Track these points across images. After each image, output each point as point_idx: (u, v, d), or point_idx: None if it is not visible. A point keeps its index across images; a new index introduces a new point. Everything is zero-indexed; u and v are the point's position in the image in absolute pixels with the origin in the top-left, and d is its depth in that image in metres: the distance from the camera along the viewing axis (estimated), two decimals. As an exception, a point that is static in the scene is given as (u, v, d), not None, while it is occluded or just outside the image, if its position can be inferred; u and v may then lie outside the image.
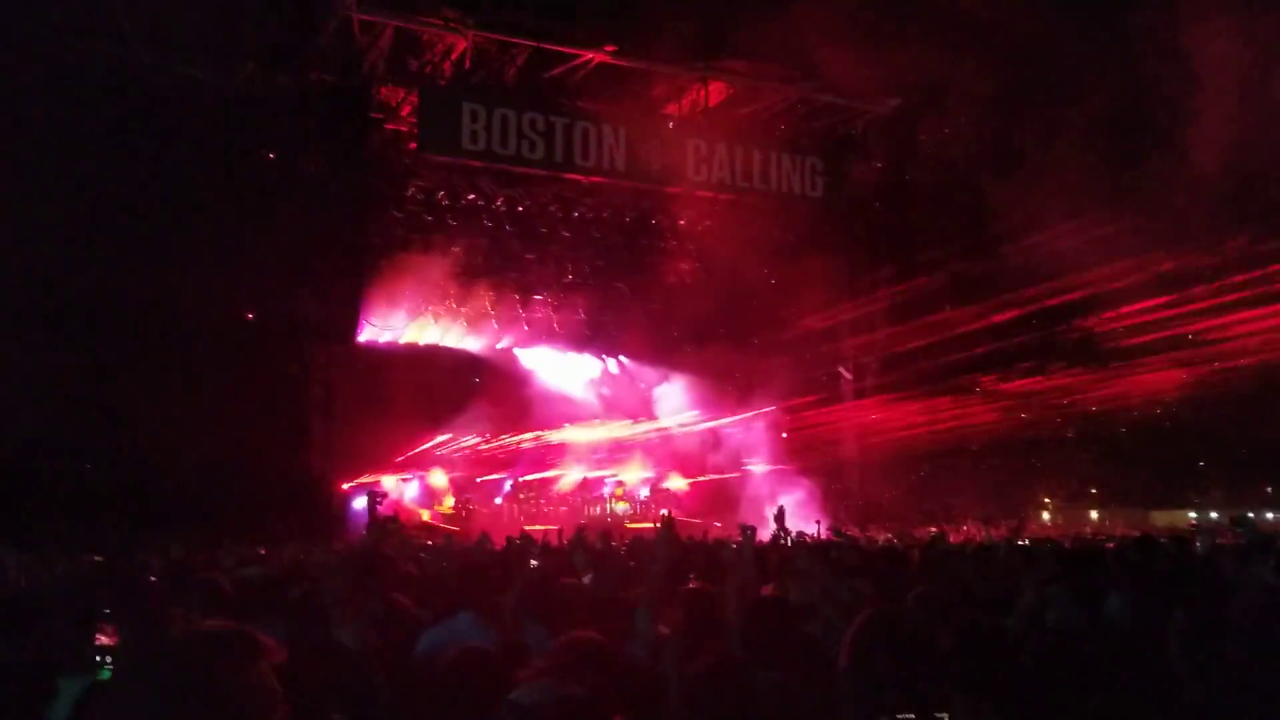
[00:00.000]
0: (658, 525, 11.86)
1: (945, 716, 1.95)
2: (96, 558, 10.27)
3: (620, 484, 25.05)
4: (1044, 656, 3.21)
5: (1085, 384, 22.95)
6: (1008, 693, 2.63)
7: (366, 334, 22.59)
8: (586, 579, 5.94)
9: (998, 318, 21.54)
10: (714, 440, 25.24)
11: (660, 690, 3.53)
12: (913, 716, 1.91)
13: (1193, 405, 22.80)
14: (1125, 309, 20.77)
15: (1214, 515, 27.79)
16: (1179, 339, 20.88)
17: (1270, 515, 26.05)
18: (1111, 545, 12.06)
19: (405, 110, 20.11)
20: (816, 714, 3.05)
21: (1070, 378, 22.76)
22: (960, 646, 2.95)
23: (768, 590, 5.24)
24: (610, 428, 25.01)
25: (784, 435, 24.89)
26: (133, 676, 1.76)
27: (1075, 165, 17.85)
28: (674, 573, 5.45)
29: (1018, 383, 22.92)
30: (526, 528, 14.82)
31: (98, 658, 2.77)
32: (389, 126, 20.27)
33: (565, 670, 3.26)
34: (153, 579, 6.94)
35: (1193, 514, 29.28)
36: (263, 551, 12.26)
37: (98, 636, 2.75)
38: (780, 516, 8.81)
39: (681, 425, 25.01)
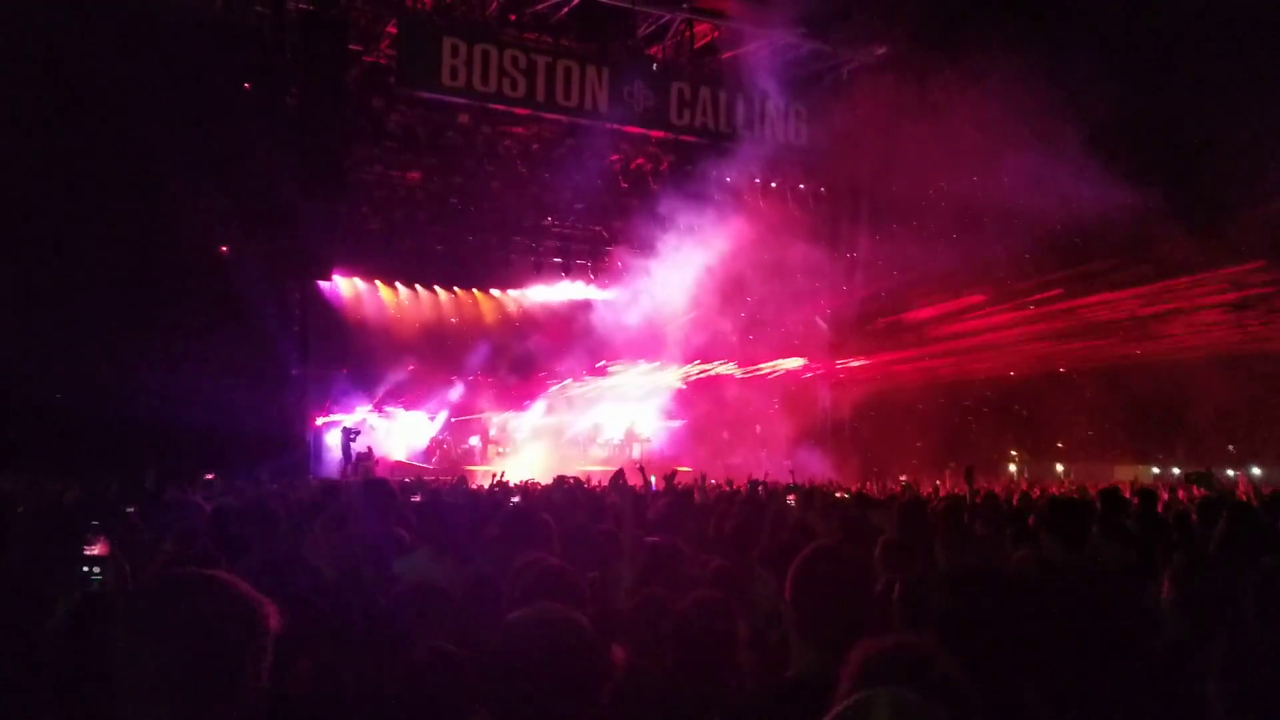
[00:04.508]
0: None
1: None
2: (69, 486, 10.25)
3: (596, 426, 25.21)
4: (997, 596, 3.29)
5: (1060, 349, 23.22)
6: (953, 634, 2.72)
7: (342, 270, 22.49)
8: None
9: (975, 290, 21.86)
10: (691, 387, 25.42)
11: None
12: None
13: (1157, 365, 23.13)
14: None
15: (1175, 471, 28.34)
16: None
17: (1231, 473, 26.61)
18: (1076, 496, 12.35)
19: (384, 43, 19.78)
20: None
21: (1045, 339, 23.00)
22: (910, 590, 3.06)
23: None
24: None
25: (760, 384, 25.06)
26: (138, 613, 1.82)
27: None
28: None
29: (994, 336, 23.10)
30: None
31: (86, 568, 2.83)
32: (368, 60, 19.95)
33: (530, 594, 3.34)
34: (129, 509, 6.95)
35: (1155, 469, 29.87)
36: (238, 483, 12.29)
37: (86, 548, 2.81)
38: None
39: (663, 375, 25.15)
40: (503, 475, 13.48)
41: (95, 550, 2.80)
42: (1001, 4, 18.53)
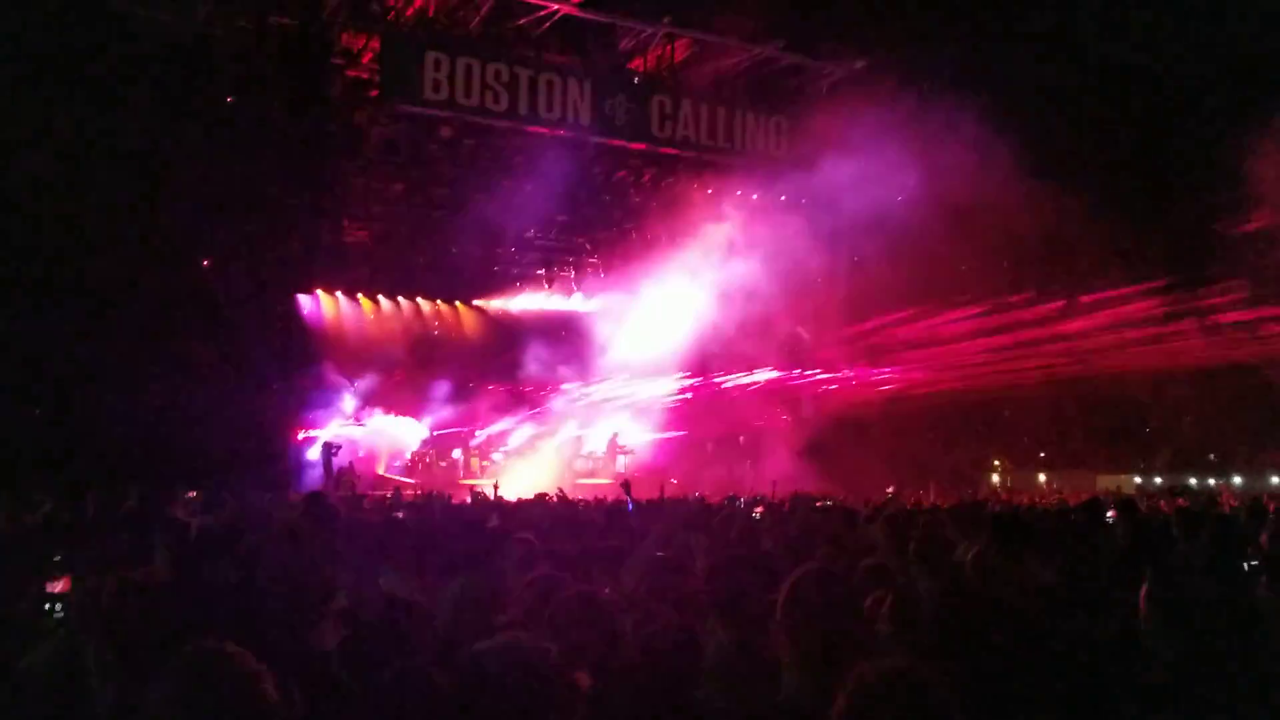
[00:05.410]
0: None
1: None
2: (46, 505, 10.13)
3: (579, 439, 25.15)
4: (975, 615, 3.29)
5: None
6: (938, 653, 2.73)
7: (325, 282, 22.42)
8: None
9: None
10: (675, 399, 25.42)
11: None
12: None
13: (1137, 377, 23.30)
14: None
15: (1158, 480, 28.55)
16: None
17: (1213, 481, 26.82)
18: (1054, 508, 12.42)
19: (367, 58, 19.76)
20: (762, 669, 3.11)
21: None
22: (893, 608, 3.06)
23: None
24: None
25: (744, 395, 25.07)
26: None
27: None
28: None
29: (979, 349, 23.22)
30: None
31: (47, 605, 2.74)
32: (350, 74, 19.92)
33: (533, 612, 3.33)
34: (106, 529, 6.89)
35: (1137, 478, 30.09)
36: (221, 499, 12.17)
37: (48, 585, 2.73)
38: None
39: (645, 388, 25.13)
40: (489, 488, 13.39)
41: (58, 588, 2.72)
42: (981, 20, 18.70)
